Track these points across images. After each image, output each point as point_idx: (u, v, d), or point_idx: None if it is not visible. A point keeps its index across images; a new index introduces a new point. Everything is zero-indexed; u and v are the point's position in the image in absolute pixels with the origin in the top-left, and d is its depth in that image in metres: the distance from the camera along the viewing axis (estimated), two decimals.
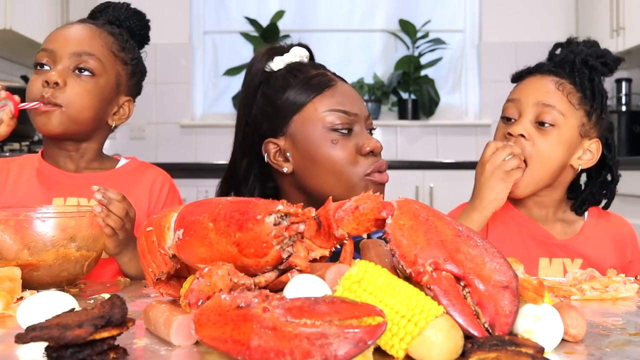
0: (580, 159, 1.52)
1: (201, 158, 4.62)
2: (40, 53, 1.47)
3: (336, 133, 1.35)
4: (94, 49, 1.47)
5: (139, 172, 1.58)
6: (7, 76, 3.83)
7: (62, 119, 1.43)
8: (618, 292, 1.11)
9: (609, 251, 1.54)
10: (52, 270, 1.18)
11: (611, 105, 4.37)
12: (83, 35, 1.48)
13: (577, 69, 1.50)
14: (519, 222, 1.56)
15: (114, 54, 1.50)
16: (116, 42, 1.52)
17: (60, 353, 0.70)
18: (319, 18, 4.84)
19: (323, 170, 1.35)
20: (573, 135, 1.48)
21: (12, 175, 1.51)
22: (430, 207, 0.84)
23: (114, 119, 1.54)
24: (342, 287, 0.78)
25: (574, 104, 1.48)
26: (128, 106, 1.57)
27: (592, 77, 1.50)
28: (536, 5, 4.61)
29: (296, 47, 1.46)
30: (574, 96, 1.48)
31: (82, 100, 1.44)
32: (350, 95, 1.40)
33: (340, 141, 1.35)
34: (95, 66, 1.46)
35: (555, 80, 1.49)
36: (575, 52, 1.52)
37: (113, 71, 1.50)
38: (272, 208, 0.82)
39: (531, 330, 0.76)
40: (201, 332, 0.70)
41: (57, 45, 1.46)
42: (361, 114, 1.39)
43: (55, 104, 1.41)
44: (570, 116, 1.47)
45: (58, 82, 1.41)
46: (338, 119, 1.35)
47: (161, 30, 4.65)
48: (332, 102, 1.37)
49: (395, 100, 4.74)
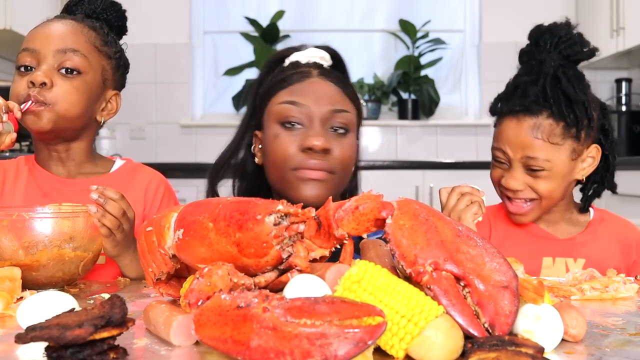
0: (583, 170, 1.52)
1: (201, 158, 4.62)
2: (23, 54, 1.44)
3: (281, 127, 1.38)
4: (78, 45, 1.45)
5: (133, 175, 1.57)
6: (7, 76, 3.84)
7: (51, 117, 1.41)
8: (618, 292, 1.11)
9: (613, 252, 1.54)
10: (46, 270, 1.18)
11: (611, 106, 4.37)
12: (65, 31, 1.46)
13: (549, 97, 1.45)
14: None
15: (97, 49, 1.48)
16: (98, 37, 1.50)
17: (60, 353, 0.70)
18: (319, 18, 4.83)
19: (269, 163, 1.41)
20: (567, 166, 1.49)
21: (8, 180, 1.50)
22: (430, 207, 0.84)
23: (102, 115, 1.53)
24: (342, 287, 0.78)
25: (558, 142, 1.46)
26: (115, 100, 1.55)
27: (567, 93, 1.46)
28: (536, 5, 4.61)
29: (313, 48, 1.48)
30: (555, 134, 1.45)
31: (71, 97, 1.42)
32: (312, 90, 1.39)
33: (283, 135, 1.37)
34: (80, 63, 1.44)
35: (532, 124, 1.46)
36: (545, 69, 1.48)
37: (98, 66, 1.48)
38: (272, 208, 0.82)
39: (531, 330, 0.76)
40: (201, 332, 0.70)
41: (39, 44, 1.43)
42: (317, 109, 1.37)
43: (44, 102, 1.40)
44: (558, 155, 1.47)
45: (45, 82, 1.39)
46: (285, 111, 1.37)
47: (161, 30, 4.66)
48: (287, 95, 1.39)
49: (395, 100, 4.74)
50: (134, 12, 4.32)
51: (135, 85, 4.46)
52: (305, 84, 1.40)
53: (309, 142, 1.34)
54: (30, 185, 1.49)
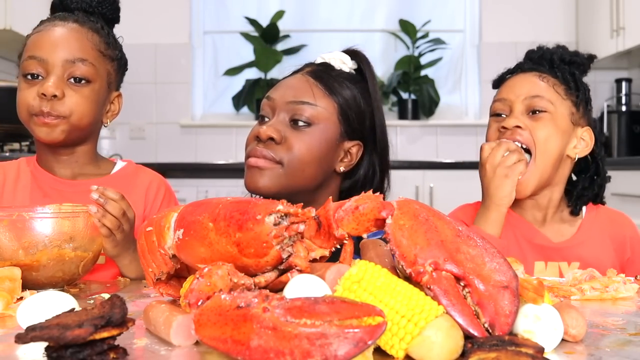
0: (575, 148, 1.53)
1: (201, 158, 4.62)
2: (30, 62, 1.43)
3: (259, 119, 1.44)
4: (85, 54, 1.44)
5: (134, 176, 1.57)
6: (7, 76, 3.84)
7: (65, 128, 1.42)
8: (618, 292, 1.11)
9: (606, 251, 1.54)
10: (47, 270, 1.18)
11: (611, 106, 4.37)
12: (71, 38, 1.45)
13: (557, 65, 1.54)
14: (514, 224, 1.55)
15: (102, 54, 1.48)
16: (102, 40, 1.49)
17: (60, 353, 0.70)
18: (319, 18, 4.84)
19: None
20: (565, 122, 1.51)
21: (9, 182, 1.50)
22: (430, 207, 0.84)
23: (107, 117, 1.54)
24: (342, 287, 0.78)
25: (561, 94, 1.51)
26: (118, 101, 1.56)
27: (572, 71, 1.54)
28: (536, 5, 4.61)
29: (338, 52, 1.49)
30: (559, 87, 1.52)
31: (82, 108, 1.43)
32: (281, 83, 1.43)
33: (255, 126, 1.42)
34: (89, 72, 1.44)
35: (539, 75, 1.53)
36: (551, 51, 1.58)
37: (105, 72, 1.49)
38: (272, 208, 0.82)
39: (531, 330, 0.76)
40: (201, 332, 0.70)
41: (47, 52, 1.42)
42: (280, 99, 1.39)
43: (58, 115, 1.41)
44: (559, 105, 1.51)
45: (56, 95, 1.40)
46: (262, 106, 1.43)
47: (161, 30, 4.67)
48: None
49: (395, 100, 4.74)
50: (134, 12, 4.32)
51: (135, 85, 4.49)
52: (283, 81, 1.44)
53: (254, 131, 1.39)
54: (32, 188, 1.49)
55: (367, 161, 1.44)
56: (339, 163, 1.41)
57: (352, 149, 1.42)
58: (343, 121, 1.39)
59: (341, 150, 1.41)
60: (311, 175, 1.37)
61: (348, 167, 1.42)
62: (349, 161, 1.42)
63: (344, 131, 1.40)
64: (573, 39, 4.49)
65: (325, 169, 1.39)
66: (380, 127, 1.45)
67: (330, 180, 1.42)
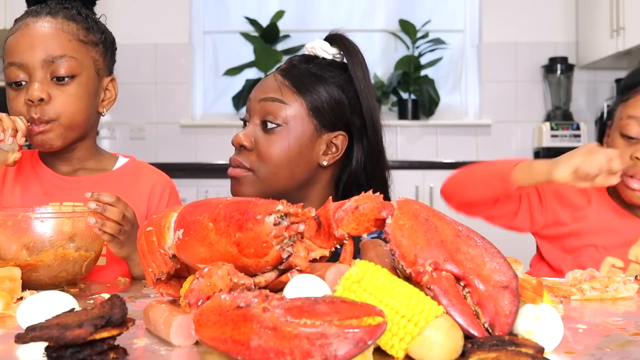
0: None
1: (201, 158, 4.62)
2: (11, 69, 1.39)
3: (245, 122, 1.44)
4: (63, 49, 1.39)
5: (138, 174, 1.55)
6: None
7: (59, 132, 1.40)
8: (618, 292, 1.11)
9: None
10: (50, 270, 1.18)
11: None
12: (46, 35, 1.39)
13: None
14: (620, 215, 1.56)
15: (83, 42, 1.42)
16: (80, 27, 1.43)
17: (60, 353, 0.70)
18: (319, 18, 4.83)
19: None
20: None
21: (9, 177, 1.49)
22: (430, 207, 0.84)
23: (103, 106, 1.49)
24: (342, 287, 0.78)
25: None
26: (113, 86, 1.51)
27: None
28: (536, 5, 4.61)
29: (319, 40, 1.45)
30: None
31: (71, 107, 1.39)
32: (258, 84, 1.42)
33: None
34: (71, 67, 1.39)
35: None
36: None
37: (89, 61, 1.43)
38: (272, 208, 0.82)
39: (531, 330, 0.76)
40: (201, 332, 0.70)
41: (24, 56, 1.38)
42: (254, 99, 1.39)
43: (48, 120, 1.38)
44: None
45: (43, 98, 1.36)
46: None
47: (161, 30, 4.66)
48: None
49: (395, 100, 4.74)
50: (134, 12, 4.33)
51: (135, 85, 4.49)
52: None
53: (235, 137, 1.39)
54: (32, 183, 1.48)
55: (357, 148, 1.41)
56: (322, 157, 1.38)
57: (336, 140, 1.39)
58: (315, 116, 1.37)
59: (322, 144, 1.38)
60: (287, 176, 1.36)
61: (334, 159, 1.39)
62: (334, 153, 1.39)
63: (319, 125, 1.37)
64: (573, 39, 4.48)
65: (305, 167, 1.37)
66: (367, 110, 1.40)
67: (318, 175, 1.40)
